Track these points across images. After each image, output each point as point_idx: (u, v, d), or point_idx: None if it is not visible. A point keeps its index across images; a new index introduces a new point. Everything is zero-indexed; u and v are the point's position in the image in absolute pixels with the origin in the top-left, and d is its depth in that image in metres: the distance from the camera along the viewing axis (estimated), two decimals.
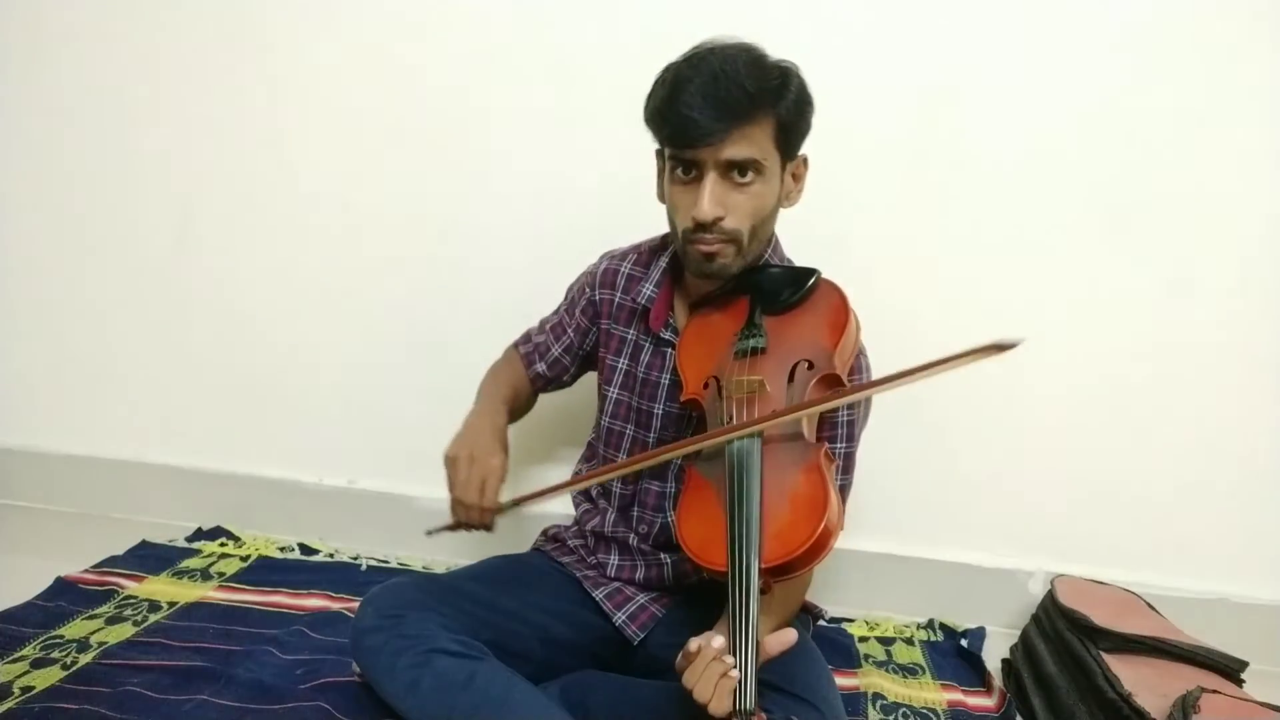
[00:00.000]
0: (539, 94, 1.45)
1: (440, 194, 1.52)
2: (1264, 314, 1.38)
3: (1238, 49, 1.31)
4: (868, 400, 1.07)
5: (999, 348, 0.78)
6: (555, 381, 1.26)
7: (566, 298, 1.24)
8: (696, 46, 0.98)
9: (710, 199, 0.94)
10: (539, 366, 1.24)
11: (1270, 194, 1.35)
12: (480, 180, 1.50)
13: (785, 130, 0.96)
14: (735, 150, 0.93)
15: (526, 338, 1.28)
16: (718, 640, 0.81)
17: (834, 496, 0.85)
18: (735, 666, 0.78)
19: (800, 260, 1.10)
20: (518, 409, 1.22)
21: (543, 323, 1.26)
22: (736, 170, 0.94)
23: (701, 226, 0.95)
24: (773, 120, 0.94)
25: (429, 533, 1.05)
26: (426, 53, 1.47)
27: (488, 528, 1.02)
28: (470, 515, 1.00)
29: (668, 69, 0.97)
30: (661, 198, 1.04)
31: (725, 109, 0.91)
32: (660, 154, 1.02)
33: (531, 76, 1.45)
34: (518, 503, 1.01)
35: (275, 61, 1.51)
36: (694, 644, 0.83)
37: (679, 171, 0.97)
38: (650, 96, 0.98)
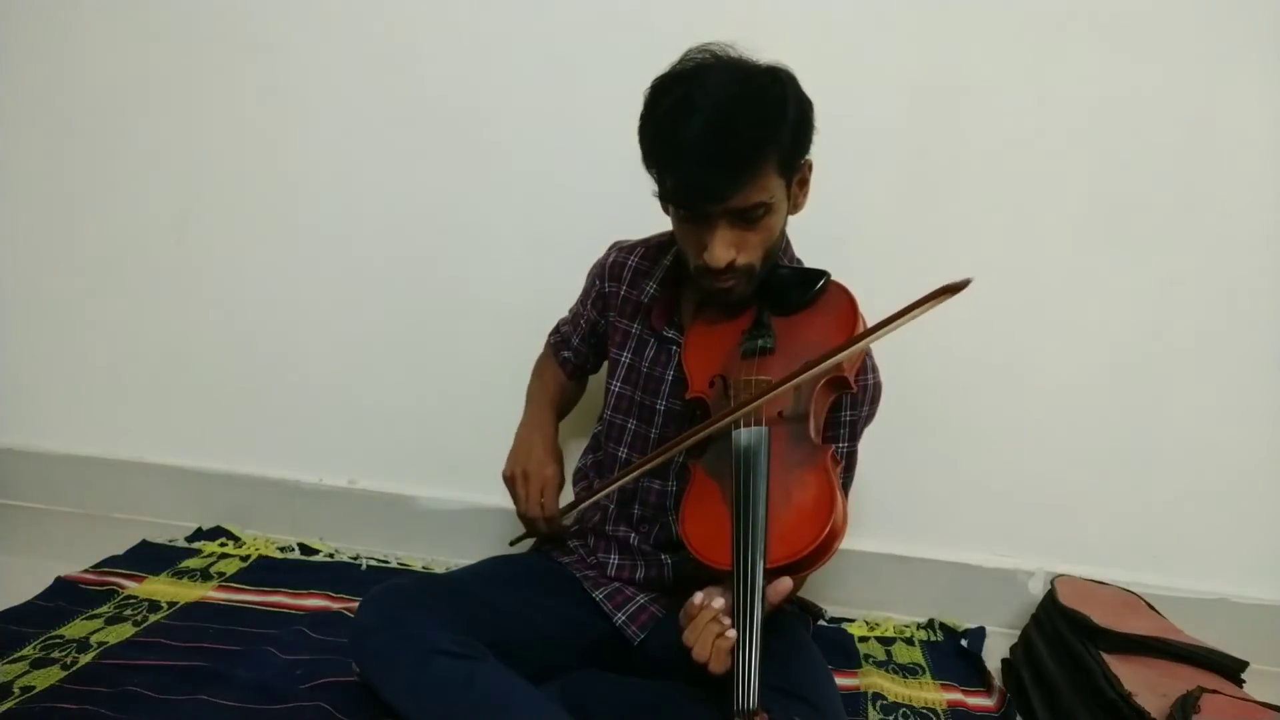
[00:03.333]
0: (540, 92, 1.46)
1: (441, 193, 1.52)
2: (1264, 314, 1.38)
3: (1237, 48, 1.31)
4: (873, 400, 1.07)
5: (951, 289, 0.77)
6: (581, 369, 1.29)
7: (584, 286, 1.24)
8: (684, 73, 0.91)
9: (722, 246, 0.92)
10: (565, 353, 1.27)
11: (1270, 193, 1.35)
12: (481, 179, 1.50)
13: (788, 158, 0.92)
14: (744, 200, 0.90)
15: (557, 327, 1.31)
16: (718, 601, 0.82)
17: (840, 498, 0.85)
18: (738, 667, 0.78)
19: (802, 260, 1.10)
20: (565, 405, 1.28)
21: (570, 310, 1.28)
22: (745, 214, 0.92)
23: (713, 269, 0.94)
24: (776, 156, 0.90)
25: (511, 543, 1.17)
26: (426, 51, 1.47)
27: (558, 533, 1.14)
28: (537, 527, 1.12)
29: (657, 106, 0.91)
30: (664, 209, 1.01)
31: (729, 167, 0.87)
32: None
33: (532, 74, 1.45)
34: (574, 507, 1.12)
35: (275, 61, 1.51)
36: (697, 598, 0.84)
37: (683, 211, 0.94)
38: (643, 138, 0.93)
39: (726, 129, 0.87)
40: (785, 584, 0.82)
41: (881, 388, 1.07)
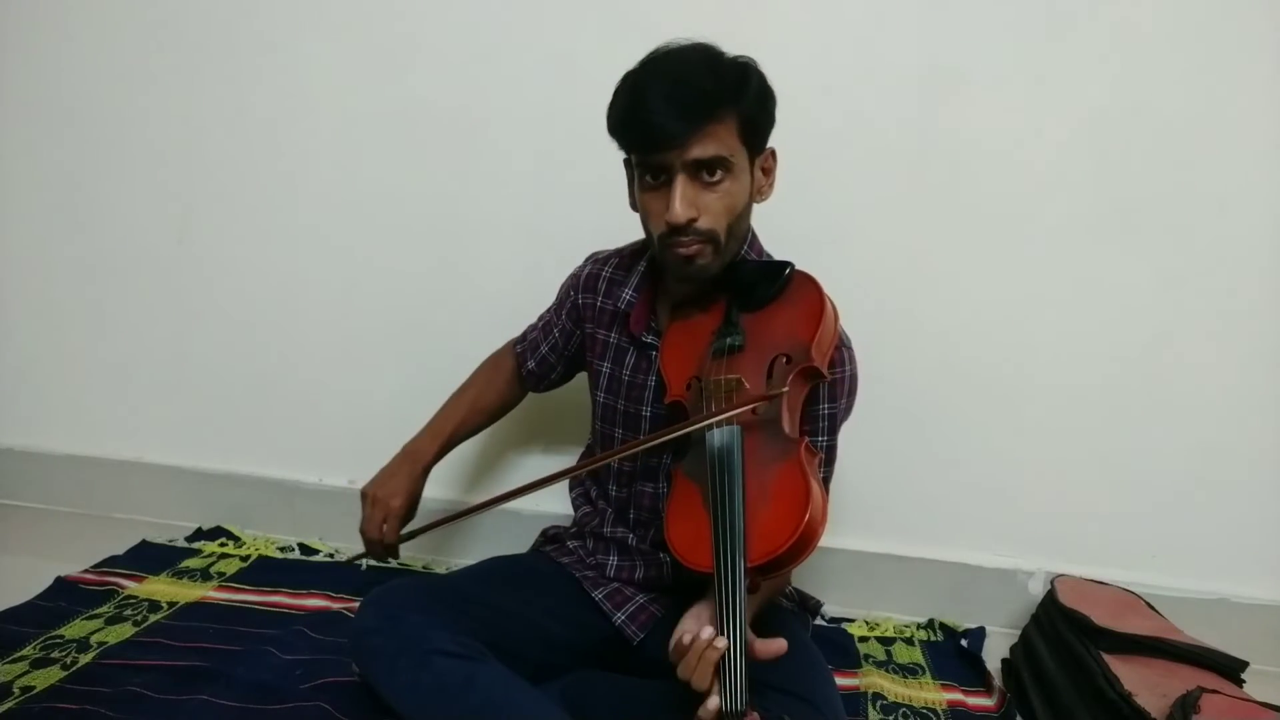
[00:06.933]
0: (536, 94, 1.46)
1: (439, 195, 1.52)
2: (1264, 313, 1.38)
3: (1238, 48, 1.31)
4: (850, 392, 1.07)
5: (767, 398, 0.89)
6: (545, 379, 1.28)
7: (557, 297, 1.24)
8: (653, 52, 0.97)
9: (682, 201, 0.93)
10: (530, 364, 1.26)
11: (1270, 193, 1.35)
12: (479, 181, 1.50)
13: (749, 125, 0.95)
14: (702, 149, 0.92)
15: (524, 334, 1.30)
16: (706, 630, 0.81)
17: (817, 490, 0.85)
18: (724, 668, 0.78)
19: (799, 261, 1.10)
20: (476, 426, 1.30)
21: (540, 318, 1.27)
22: (705, 170, 0.93)
23: (676, 229, 0.94)
24: (735, 116, 0.93)
25: (348, 561, 1.21)
26: (426, 50, 1.47)
27: (391, 558, 1.20)
28: (373, 549, 1.18)
29: (625, 78, 0.97)
30: (634, 206, 1.03)
31: (687, 110, 0.90)
32: (629, 163, 1.01)
33: (528, 76, 1.45)
34: (412, 535, 1.18)
35: (275, 62, 1.51)
36: (685, 637, 0.83)
37: (648, 177, 0.96)
38: (612, 107, 0.97)
39: (685, 81, 0.91)
40: (779, 644, 0.83)
41: (858, 380, 1.07)
